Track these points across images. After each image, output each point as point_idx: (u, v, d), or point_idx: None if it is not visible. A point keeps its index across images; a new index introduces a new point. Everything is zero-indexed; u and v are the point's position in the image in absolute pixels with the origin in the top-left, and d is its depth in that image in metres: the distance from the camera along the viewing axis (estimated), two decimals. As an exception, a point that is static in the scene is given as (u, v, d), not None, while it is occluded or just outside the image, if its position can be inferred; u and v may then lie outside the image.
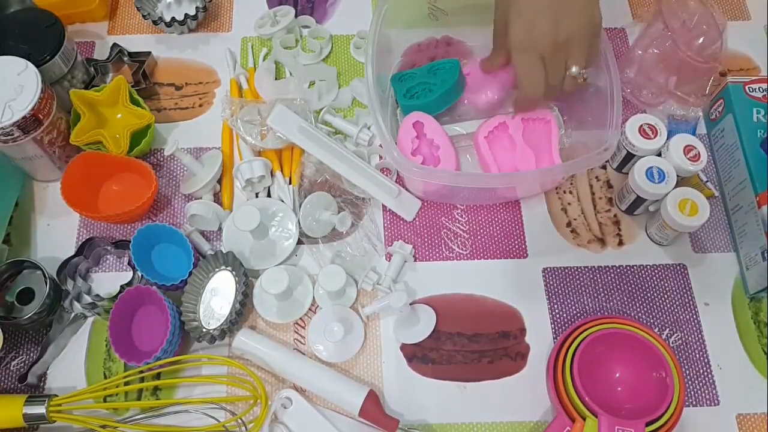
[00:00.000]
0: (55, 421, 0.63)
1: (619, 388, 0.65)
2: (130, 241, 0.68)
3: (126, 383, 0.66)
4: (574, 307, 0.72)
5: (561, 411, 0.63)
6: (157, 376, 0.67)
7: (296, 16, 0.85)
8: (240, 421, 0.64)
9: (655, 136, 0.73)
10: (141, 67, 0.81)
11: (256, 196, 0.76)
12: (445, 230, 0.75)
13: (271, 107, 0.73)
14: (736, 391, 0.68)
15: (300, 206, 0.72)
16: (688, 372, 0.69)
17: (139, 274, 0.69)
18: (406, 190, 0.76)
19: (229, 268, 0.69)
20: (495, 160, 0.73)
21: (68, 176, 0.71)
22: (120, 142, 0.73)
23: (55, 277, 0.69)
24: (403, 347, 0.69)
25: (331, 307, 0.70)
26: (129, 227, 0.75)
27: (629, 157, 0.75)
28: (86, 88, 0.79)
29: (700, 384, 0.68)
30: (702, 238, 0.75)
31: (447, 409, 0.67)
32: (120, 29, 0.87)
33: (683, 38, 0.75)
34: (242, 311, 0.68)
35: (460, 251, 0.74)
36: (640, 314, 0.72)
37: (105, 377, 0.68)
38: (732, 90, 0.76)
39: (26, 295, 0.69)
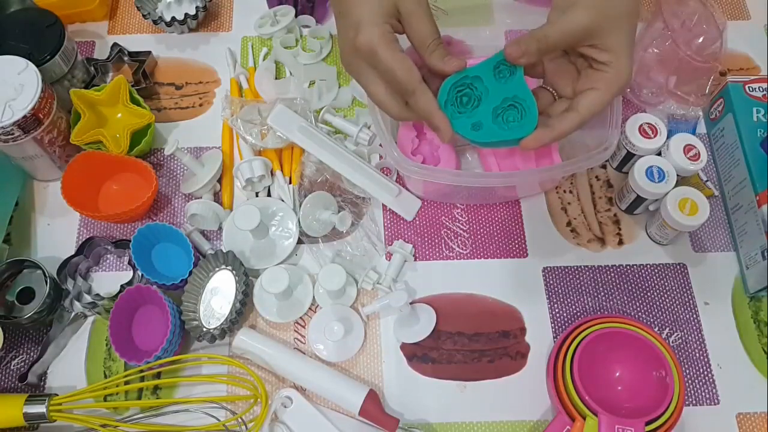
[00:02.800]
0: (55, 421, 0.63)
1: (619, 387, 0.65)
2: (130, 241, 0.68)
3: (126, 382, 0.66)
4: (574, 307, 0.72)
5: (561, 410, 0.63)
6: (158, 376, 0.67)
7: (296, 15, 0.85)
8: (240, 420, 0.64)
9: (655, 136, 0.73)
10: (141, 67, 0.81)
11: (256, 196, 0.76)
12: (445, 229, 0.75)
13: (271, 107, 0.74)
14: (736, 390, 0.68)
15: (300, 205, 0.72)
16: (688, 371, 0.69)
17: (140, 274, 0.69)
18: (406, 189, 0.76)
19: (230, 267, 0.69)
20: (495, 158, 0.73)
21: (68, 176, 0.71)
22: (120, 141, 0.73)
23: (56, 276, 0.69)
24: (403, 346, 0.70)
25: (331, 306, 0.70)
26: (129, 227, 0.75)
27: (629, 157, 0.75)
28: (86, 87, 0.79)
29: (700, 383, 0.68)
30: (702, 237, 0.75)
31: (447, 409, 0.67)
32: (120, 29, 0.87)
33: (683, 38, 0.75)
34: (242, 310, 0.68)
35: (460, 251, 0.74)
36: (640, 313, 0.72)
37: (105, 376, 0.68)
38: (732, 89, 0.76)
39: (26, 295, 0.69)
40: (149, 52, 0.83)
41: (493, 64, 0.60)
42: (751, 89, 0.76)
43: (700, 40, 0.77)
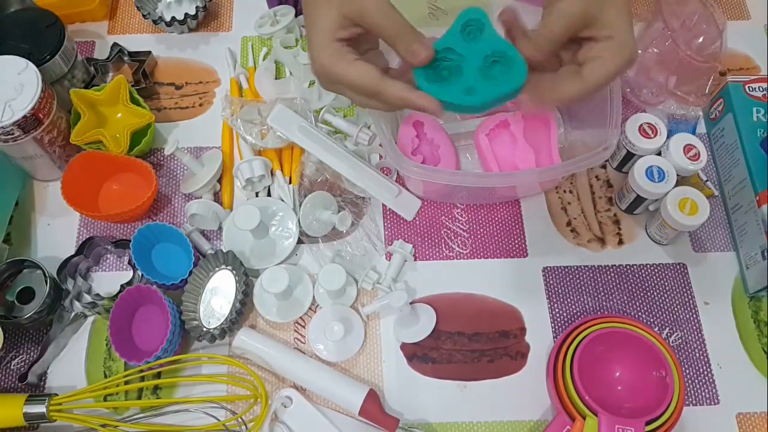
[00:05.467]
0: (55, 420, 0.63)
1: (619, 387, 0.65)
2: (130, 241, 0.68)
3: (126, 382, 0.66)
4: (574, 307, 0.72)
5: (561, 410, 0.63)
6: (158, 376, 0.67)
7: (296, 15, 0.85)
8: (240, 420, 0.64)
9: (655, 136, 0.73)
10: (141, 67, 0.81)
11: (256, 196, 0.76)
12: (445, 229, 0.75)
13: (271, 107, 0.73)
14: (736, 390, 0.68)
15: (300, 205, 0.72)
16: (688, 371, 0.69)
17: (140, 274, 0.69)
18: (406, 189, 0.76)
19: (230, 267, 0.69)
20: (495, 158, 0.73)
21: (68, 176, 0.71)
22: (120, 141, 0.74)
23: (56, 276, 0.69)
24: (403, 346, 0.69)
25: (331, 306, 0.70)
26: (129, 226, 0.75)
27: (629, 157, 0.75)
28: (86, 87, 0.79)
29: (700, 383, 0.68)
30: (702, 237, 0.75)
31: (447, 409, 0.67)
32: (120, 29, 0.87)
33: (683, 37, 0.75)
34: (242, 310, 0.68)
35: (460, 250, 0.74)
36: (640, 313, 0.72)
37: (105, 376, 0.68)
38: (732, 89, 0.76)
39: (26, 295, 0.69)
40: (149, 52, 0.83)
41: (459, 29, 0.57)
42: (751, 89, 0.76)
43: (700, 40, 0.77)
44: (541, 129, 0.75)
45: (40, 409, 0.62)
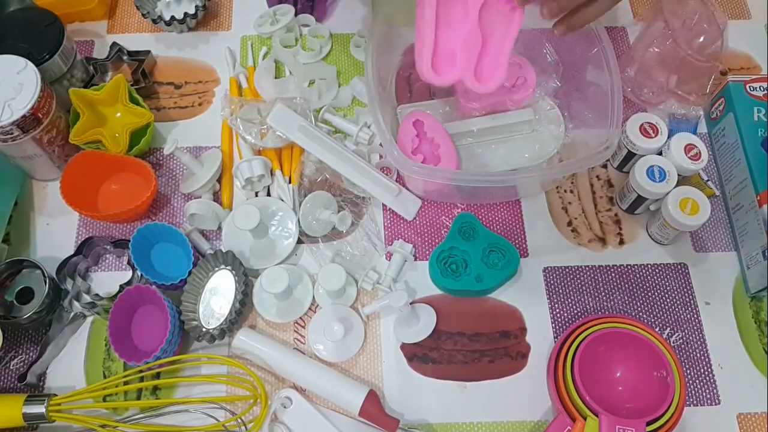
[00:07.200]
0: (54, 421, 0.63)
1: (620, 388, 0.64)
2: (129, 241, 0.68)
3: (125, 383, 0.65)
4: (574, 307, 0.72)
5: (561, 410, 0.63)
6: (157, 376, 0.67)
7: (296, 14, 0.85)
8: (240, 420, 0.64)
9: (655, 135, 0.73)
10: (140, 66, 0.81)
11: (256, 195, 0.76)
12: (445, 229, 0.75)
13: (271, 106, 0.73)
14: (737, 390, 0.68)
15: (300, 205, 0.72)
16: (688, 371, 0.69)
17: (139, 274, 0.69)
18: (407, 189, 0.75)
19: (229, 267, 0.69)
20: (435, 33, 0.64)
21: (67, 175, 0.71)
22: (119, 141, 0.73)
23: (55, 276, 0.69)
24: (404, 347, 0.69)
25: (331, 306, 0.70)
26: (128, 226, 0.75)
27: (630, 156, 0.75)
28: (85, 87, 0.79)
29: (701, 383, 0.68)
30: (703, 237, 0.75)
31: (447, 409, 0.67)
32: (119, 28, 0.87)
33: (684, 37, 0.75)
34: (242, 311, 0.68)
35: (461, 250, 0.74)
36: (640, 313, 0.71)
37: (104, 377, 0.68)
38: (733, 89, 0.76)
39: (26, 295, 0.69)
40: (148, 52, 0.82)
41: (457, 232, 0.72)
42: (752, 89, 0.76)
43: (701, 39, 0.77)
44: (503, 16, 0.65)
45: (39, 409, 0.62)
